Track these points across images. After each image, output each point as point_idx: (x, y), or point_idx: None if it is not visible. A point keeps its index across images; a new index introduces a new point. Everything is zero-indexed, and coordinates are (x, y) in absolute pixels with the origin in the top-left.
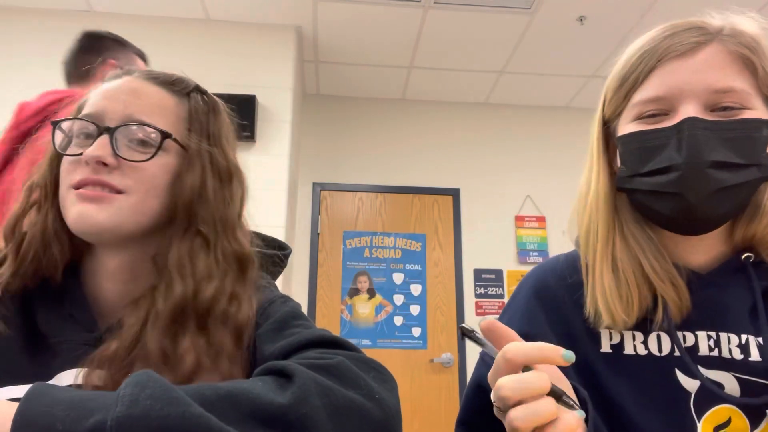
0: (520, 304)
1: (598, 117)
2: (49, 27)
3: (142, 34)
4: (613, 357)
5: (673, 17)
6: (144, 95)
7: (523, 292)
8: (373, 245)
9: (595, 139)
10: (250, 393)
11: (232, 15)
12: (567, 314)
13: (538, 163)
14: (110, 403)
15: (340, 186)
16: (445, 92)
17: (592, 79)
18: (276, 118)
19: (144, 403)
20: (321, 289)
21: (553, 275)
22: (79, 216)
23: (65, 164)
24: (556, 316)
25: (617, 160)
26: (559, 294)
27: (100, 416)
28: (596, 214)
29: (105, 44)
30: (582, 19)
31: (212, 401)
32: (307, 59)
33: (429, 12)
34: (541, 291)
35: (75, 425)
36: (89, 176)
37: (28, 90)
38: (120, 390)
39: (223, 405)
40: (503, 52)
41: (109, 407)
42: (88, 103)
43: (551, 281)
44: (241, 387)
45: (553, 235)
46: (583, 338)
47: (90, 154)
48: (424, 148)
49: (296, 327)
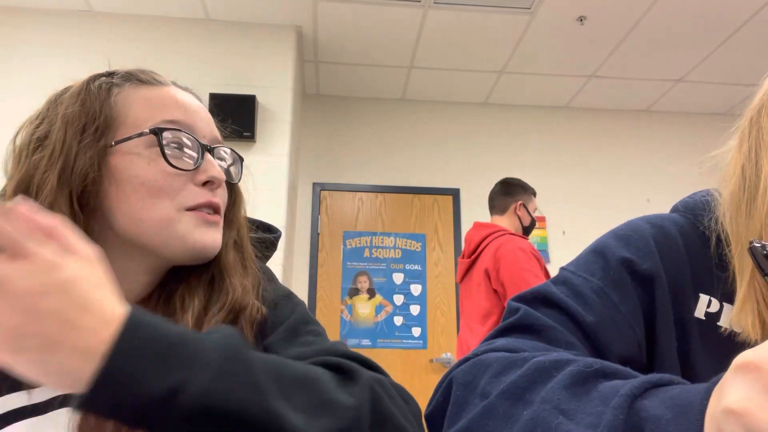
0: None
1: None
2: (49, 27)
3: (142, 34)
4: (706, 324)
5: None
6: (211, 117)
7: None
8: (373, 245)
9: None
10: (321, 383)
11: (232, 15)
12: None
13: (538, 163)
14: (195, 361)
15: (340, 186)
16: (445, 92)
17: (592, 79)
18: (276, 118)
19: (230, 381)
20: (321, 289)
21: (676, 228)
22: (210, 243)
23: (159, 174)
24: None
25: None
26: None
27: (181, 376)
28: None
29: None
30: (582, 19)
31: (289, 384)
32: (307, 59)
33: (429, 12)
34: (659, 237)
35: (156, 377)
36: (212, 200)
37: (28, 90)
38: (207, 345)
39: (298, 390)
40: (503, 52)
41: (192, 368)
42: (165, 108)
43: (673, 231)
44: (314, 374)
45: (553, 235)
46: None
47: (220, 177)
48: (424, 148)
49: (308, 335)
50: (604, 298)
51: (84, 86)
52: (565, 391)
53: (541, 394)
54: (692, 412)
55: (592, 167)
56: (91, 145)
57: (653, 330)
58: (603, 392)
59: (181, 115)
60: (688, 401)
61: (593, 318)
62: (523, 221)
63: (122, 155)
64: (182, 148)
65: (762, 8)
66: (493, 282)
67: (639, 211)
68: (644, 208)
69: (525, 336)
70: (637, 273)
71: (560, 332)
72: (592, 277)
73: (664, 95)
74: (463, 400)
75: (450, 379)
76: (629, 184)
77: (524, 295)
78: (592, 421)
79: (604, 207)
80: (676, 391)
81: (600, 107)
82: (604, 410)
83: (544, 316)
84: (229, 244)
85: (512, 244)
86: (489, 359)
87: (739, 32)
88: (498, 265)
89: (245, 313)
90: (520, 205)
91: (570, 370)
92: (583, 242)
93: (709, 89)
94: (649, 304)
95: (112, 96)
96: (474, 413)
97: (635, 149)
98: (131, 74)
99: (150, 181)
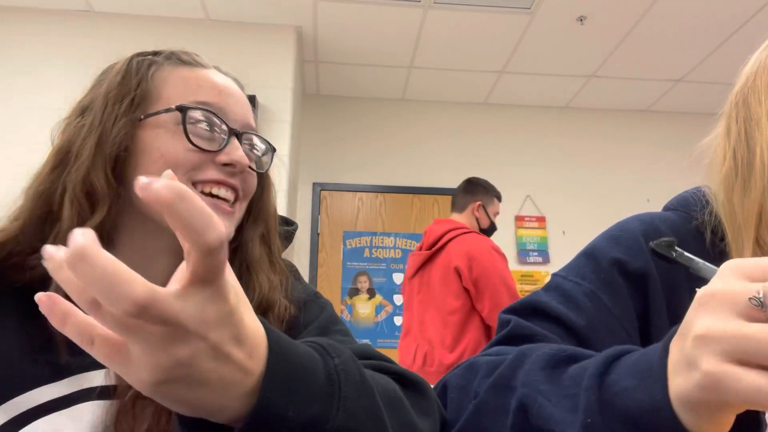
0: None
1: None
2: (49, 27)
3: (142, 34)
4: None
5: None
6: (248, 105)
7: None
8: (373, 245)
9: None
10: (405, 405)
11: (232, 15)
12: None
13: (538, 163)
14: (333, 395)
15: (340, 186)
16: (445, 92)
17: (592, 79)
18: (276, 118)
19: (362, 418)
20: (321, 289)
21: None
22: None
23: (181, 149)
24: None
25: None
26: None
27: (321, 407)
28: None
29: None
30: (582, 19)
31: (385, 402)
32: (307, 59)
33: (429, 12)
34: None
35: (299, 408)
36: (227, 179)
37: (27, 89)
38: (341, 377)
39: (389, 410)
40: (503, 52)
41: (332, 403)
42: (200, 89)
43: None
44: (399, 395)
45: (553, 235)
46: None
47: (243, 161)
48: (424, 148)
49: (337, 334)
50: (596, 301)
51: (126, 63)
52: (542, 372)
53: (521, 378)
54: (654, 370)
55: (592, 167)
56: (125, 117)
57: (648, 329)
58: (573, 374)
59: (213, 98)
60: (648, 363)
61: (585, 322)
62: (481, 223)
63: (150, 129)
64: (211, 129)
65: (762, 8)
66: (464, 281)
67: (639, 211)
68: (644, 208)
69: (518, 346)
70: (628, 273)
71: (552, 340)
72: (583, 281)
73: (664, 95)
74: (458, 404)
75: (444, 384)
76: (629, 184)
77: (514, 306)
78: (568, 404)
79: (604, 207)
80: (635, 357)
81: (600, 107)
82: (577, 392)
83: (535, 325)
84: (256, 238)
85: (485, 243)
86: (480, 362)
87: (739, 32)
88: (471, 264)
89: (274, 311)
90: (479, 206)
91: (544, 352)
92: (583, 242)
93: (709, 89)
94: (642, 303)
95: (151, 72)
96: (468, 414)
97: (635, 149)
98: (173, 54)
99: (169, 153)
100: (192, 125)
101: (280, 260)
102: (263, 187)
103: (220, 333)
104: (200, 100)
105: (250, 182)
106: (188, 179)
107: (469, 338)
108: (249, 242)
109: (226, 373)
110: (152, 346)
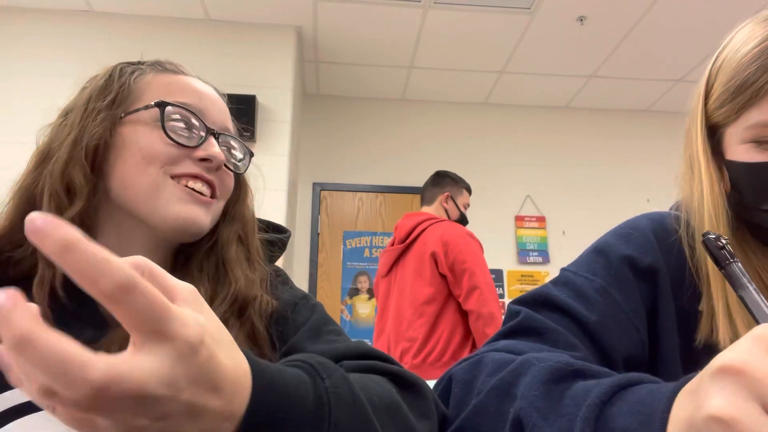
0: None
1: (700, 115)
2: (49, 27)
3: (142, 34)
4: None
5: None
6: (228, 113)
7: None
8: (373, 245)
9: (699, 144)
10: (403, 409)
11: (232, 15)
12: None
13: (538, 163)
14: (324, 420)
15: (340, 186)
16: (445, 92)
17: (592, 79)
18: (276, 118)
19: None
20: (321, 289)
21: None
22: (191, 218)
23: (159, 143)
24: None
25: (725, 175)
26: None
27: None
28: (717, 230)
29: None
30: (582, 19)
31: (381, 412)
32: (307, 59)
33: (429, 12)
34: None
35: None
36: (203, 174)
37: (27, 89)
38: (332, 400)
39: (386, 417)
40: (503, 52)
41: (317, 425)
42: (180, 92)
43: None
44: (396, 400)
45: (553, 235)
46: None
47: (219, 158)
48: (424, 148)
49: (330, 334)
50: (607, 297)
51: (110, 70)
52: (543, 386)
53: (522, 388)
54: (656, 419)
55: (592, 167)
56: (105, 112)
57: (656, 325)
58: (575, 394)
59: (193, 100)
60: (651, 409)
61: (596, 317)
62: (451, 214)
63: (130, 125)
64: (189, 127)
65: (762, 8)
66: (440, 266)
67: (639, 212)
68: (644, 208)
69: (527, 339)
70: (639, 269)
71: (562, 334)
72: (594, 277)
73: (664, 95)
74: (460, 399)
75: (449, 377)
76: (629, 184)
77: (524, 297)
78: (563, 426)
79: (604, 207)
80: (642, 393)
81: (600, 107)
82: (575, 416)
83: (546, 318)
84: (232, 238)
85: (460, 230)
86: (487, 359)
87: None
88: (447, 249)
89: (254, 305)
90: (447, 197)
91: (550, 365)
92: (583, 242)
93: None
94: (652, 299)
95: (134, 77)
96: (467, 413)
97: (635, 149)
98: (157, 62)
99: (147, 147)
100: (171, 122)
101: (260, 261)
102: (240, 191)
103: (193, 389)
104: (180, 101)
105: (227, 182)
106: (165, 173)
107: (444, 326)
108: (225, 241)
109: (204, 424)
110: (121, 418)
